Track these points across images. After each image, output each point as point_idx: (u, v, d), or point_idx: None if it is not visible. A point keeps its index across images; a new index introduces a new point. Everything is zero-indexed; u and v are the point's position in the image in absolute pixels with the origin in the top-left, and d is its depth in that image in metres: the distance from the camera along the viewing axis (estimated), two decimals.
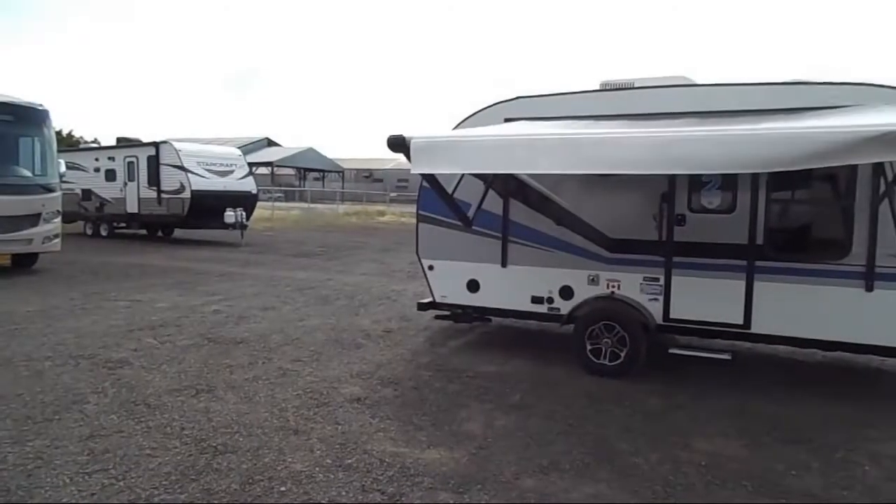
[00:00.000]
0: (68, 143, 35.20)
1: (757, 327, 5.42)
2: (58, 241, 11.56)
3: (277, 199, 35.37)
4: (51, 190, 11.30)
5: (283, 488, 3.52)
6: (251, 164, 22.03)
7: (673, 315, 5.70)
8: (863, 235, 5.09)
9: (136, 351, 6.20)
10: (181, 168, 17.07)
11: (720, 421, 4.67)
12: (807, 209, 5.98)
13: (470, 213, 6.15)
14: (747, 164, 3.91)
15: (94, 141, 40.69)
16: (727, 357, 5.47)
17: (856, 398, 5.26)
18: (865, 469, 3.92)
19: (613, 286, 5.91)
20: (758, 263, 5.37)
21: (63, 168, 11.83)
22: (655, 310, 5.73)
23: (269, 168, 53.27)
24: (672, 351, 5.67)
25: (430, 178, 5.43)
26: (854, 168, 4.96)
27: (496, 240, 6.36)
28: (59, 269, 11.68)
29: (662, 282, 5.71)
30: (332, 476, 3.67)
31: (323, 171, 59.56)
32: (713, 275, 5.51)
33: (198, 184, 17.02)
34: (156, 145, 17.80)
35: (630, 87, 6.10)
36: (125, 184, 18.42)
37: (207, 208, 16.91)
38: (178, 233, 19.46)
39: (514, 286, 6.31)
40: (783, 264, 5.33)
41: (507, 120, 6.14)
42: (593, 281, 5.98)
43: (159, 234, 19.62)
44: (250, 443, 4.10)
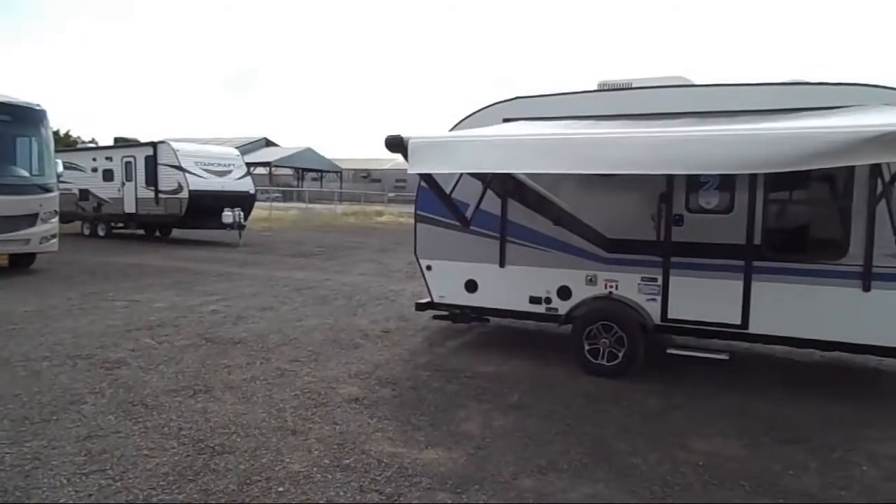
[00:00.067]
0: (66, 143, 35.14)
1: (755, 327, 5.43)
2: (55, 241, 11.54)
3: (275, 200, 35.34)
4: (48, 190, 11.29)
5: (280, 489, 3.52)
6: (249, 164, 22.01)
7: (671, 315, 5.70)
8: (860, 236, 5.10)
9: (134, 351, 6.19)
10: (179, 168, 17.05)
11: (718, 421, 4.67)
12: (804, 209, 5.99)
13: (468, 214, 6.15)
14: (746, 165, 3.91)
15: (92, 141, 40.70)
16: (725, 357, 5.48)
17: (853, 398, 5.27)
18: (863, 469, 3.93)
19: (611, 286, 5.91)
20: (755, 264, 5.38)
21: (60, 168, 11.82)
22: (653, 310, 5.73)
23: (267, 168, 53.19)
24: (670, 351, 5.68)
25: (428, 179, 5.43)
26: (851, 168, 4.97)
27: (494, 240, 6.36)
28: (56, 269, 11.67)
29: (660, 282, 5.71)
30: (330, 476, 3.67)
31: (321, 171, 59.46)
32: (711, 275, 5.52)
33: (195, 184, 17.00)
34: (153, 145, 17.77)
35: (628, 88, 6.11)
36: (123, 184, 18.40)
37: (205, 208, 16.89)
38: (176, 233, 19.44)
39: (512, 286, 6.31)
40: (781, 264, 5.34)
41: (505, 120, 6.15)
42: (591, 281, 5.99)
43: (157, 234, 19.58)
44: (248, 443, 4.09)
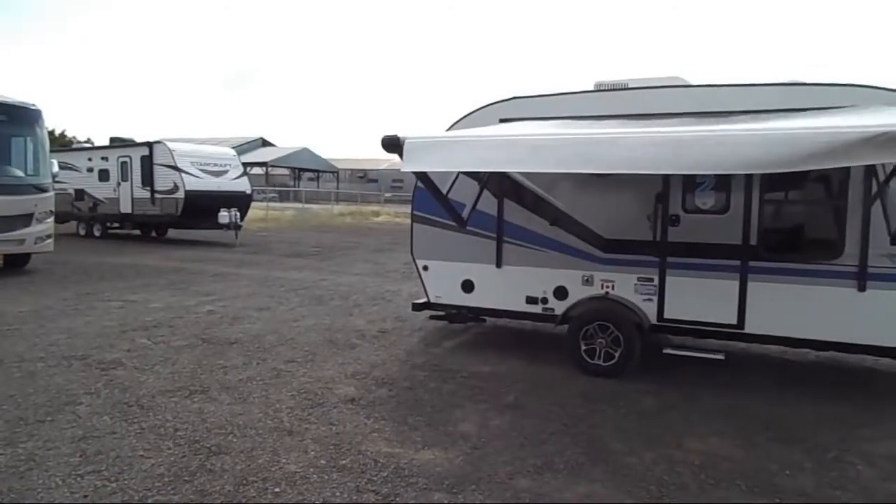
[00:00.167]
0: (61, 143, 34.95)
1: (750, 327, 5.44)
2: (50, 241, 11.51)
3: (272, 200, 35.34)
4: (43, 190, 11.25)
5: (277, 489, 3.51)
6: (245, 165, 21.99)
7: (667, 315, 5.71)
8: (855, 236, 5.11)
9: (130, 352, 6.17)
10: (175, 168, 17.01)
11: (714, 421, 4.68)
12: (800, 210, 6.00)
13: (464, 214, 6.15)
14: (742, 165, 3.90)
15: (87, 141, 40.43)
16: (721, 357, 5.49)
17: (849, 398, 5.29)
18: (858, 469, 3.94)
19: (608, 286, 5.91)
20: (751, 264, 5.40)
21: (56, 168, 11.77)
22: (649, 310, 5.74)
23: (264, 168, 53.14)
24: (666, 351, 5.69)
25: (424, 178, 5.42)
26: (847, 169, 4.98)
27: (491, 240, 6.37)
28: (51, 269, 11.62)
29: (656, 282, 5.72)
30: (326, 477, 3.66)
31: (317, 171, 59.43)
32: (707, 275, 5.53)
33: (192, 184, 16.96)
34: (149, 145, 17.71)
35: (624, 88, 6.12)
36: (118, 184, 18.34)
37: (201, 208, 16.85)
38: (172, 233, 19.40)
39: (508, 286, 6.31)
40: (776, 264, 5.35)
41: (502, 120, 6.15)
42: (588, 281, 5.99)
43: (153, 234, 19.54)
44: (244, 444, 4.09)
